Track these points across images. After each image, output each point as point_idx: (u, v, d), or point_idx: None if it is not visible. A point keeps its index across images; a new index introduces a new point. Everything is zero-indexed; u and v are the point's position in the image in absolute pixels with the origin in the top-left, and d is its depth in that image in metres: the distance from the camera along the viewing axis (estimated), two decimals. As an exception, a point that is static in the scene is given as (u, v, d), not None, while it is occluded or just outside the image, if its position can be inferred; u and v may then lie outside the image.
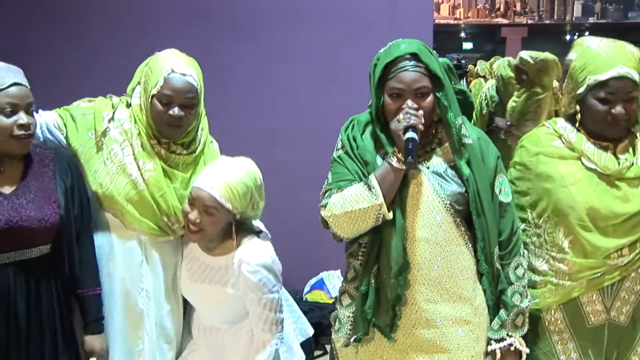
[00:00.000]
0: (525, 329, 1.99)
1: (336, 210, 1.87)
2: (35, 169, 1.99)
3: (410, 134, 1.79)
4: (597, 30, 15.43)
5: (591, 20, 15.63)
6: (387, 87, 1.87)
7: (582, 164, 2.00)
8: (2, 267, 1.90)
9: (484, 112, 2.51)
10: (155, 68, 2.11)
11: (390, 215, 1.84)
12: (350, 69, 2.69)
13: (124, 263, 2.17)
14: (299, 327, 2.48)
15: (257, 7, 4.15)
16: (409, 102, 1.85)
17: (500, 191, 1.96)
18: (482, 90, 2.90)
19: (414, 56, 1.86)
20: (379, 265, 1.91)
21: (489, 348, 1.96)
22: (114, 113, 2.17)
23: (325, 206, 1.90)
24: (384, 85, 1.89)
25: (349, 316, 1.97)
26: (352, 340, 1.95)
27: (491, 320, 1.97)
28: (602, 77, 1.92)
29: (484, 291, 1.96)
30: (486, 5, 15.81)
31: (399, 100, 1.86)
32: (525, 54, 3.32)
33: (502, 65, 2.48)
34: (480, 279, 1.95)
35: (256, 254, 2.08)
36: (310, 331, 2.51)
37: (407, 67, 1.85)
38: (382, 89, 1.89)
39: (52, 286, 2.00)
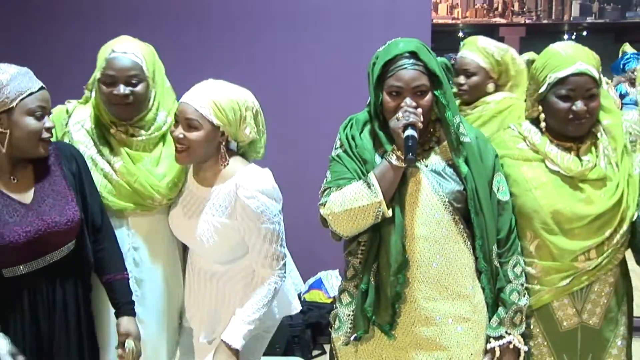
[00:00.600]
0: (524, 327, 1.99)
1: (335, 209, 1.87)
2: (43, 169, 1.99)
3: (409, 132, 1.79)
4: (595, 30, 15.44)
5: (589, 20, 15.62)
6: (386, 85, 1.88)
7: (546, 166, 2.01)
8: (35, 273, 1.92)
9: None
10: (100, 54, 2.15)
11: (389, 213, 1.84)
12: (348, 68, 2.70)
13: None
14: (292, 281, 2.39)
15: (254, 7, 4.14)
16: (408, 100, 1.85)
17: (498, 189, 1.97)
18: None
19: (413, 54, 1.87)
20: (378, 263, 1.91)
21: (488, 346, 1.96)
22: (69, 117, 2.20)
23: (325, 204, 1.90)
24: (382, 84, 1.89)
25: (349, 314, 1.97)
26: (352, 338, 1.96)
27: (490, 318, 1.97)
28: (562, 73, 1.94)
29: (483, 289, 1.96)
30: (484, 4, 15.79)
31: (398, 99, 1.87)
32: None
33: None
34: (479, 276, 1.96)
35: (255, 179, 2.04)
36: (301, 286, 2.44)
37: (406, 66, 1.86)
38: (381, 87, 1.90)
39: (77, 285, 2.02)
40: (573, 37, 16.35)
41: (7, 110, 1.85)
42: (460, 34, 17.15)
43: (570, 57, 1.96)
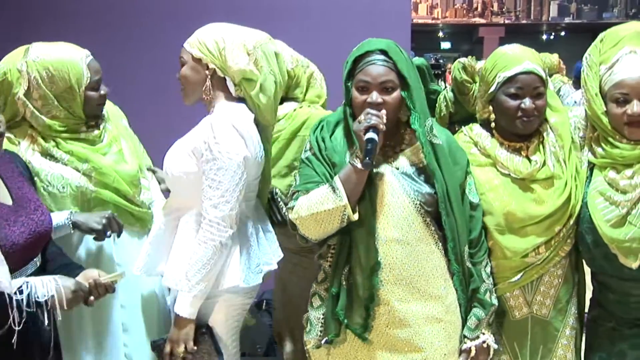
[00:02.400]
0: (494, 325, 2.04)
1: (302, 212, 1.87)
2: (5, 175, 1.91)
3: (370, 135, 1.79)
4: (573, 30, 15.62)
5: (567, 20, 15.82)
6: (355, 80, 1.90)
7: (497, 169, 2.07)
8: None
9: (443, 114, 2.50)
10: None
11: (355, 217, 1.85)
12: (327, 68, 2.68)
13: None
14: (262, 256, 2.11)
15: (230, 7, 4.11)
16: (374, 95, 1.87)
17: (470, 191, 2.00)
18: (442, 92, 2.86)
19: (384, 52, 1.89)
20: (350, 266, 1.91)
21: (464, 346, 1.98)
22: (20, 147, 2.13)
23: (292, 208, 1.91)
24: (353, 79, 1.91)
25: (320, 318, 1.97)
26: (323, 342, 1.96)
27: (463, 319, 1.99)
28: (511, 72, 2.00)
29: (456, 290, 1.98)
30: (464, 5, 15.91)
31: (366, 93, 1.88)
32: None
33: (455, 67, 2.48)
34: (451, 277, 1.97)
35: (226, 110, 1.99)
36: (274, 266, 2.13)
37: (375, 61, 1.88)
38: (352, 83, 1.92)
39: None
40: (552, 37, 16.53)
41: None
42: (440, 34, 17.26)
43: (517, 57, 2.02)
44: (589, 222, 2.00)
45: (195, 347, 1.96)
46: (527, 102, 1.99)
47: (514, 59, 2.02)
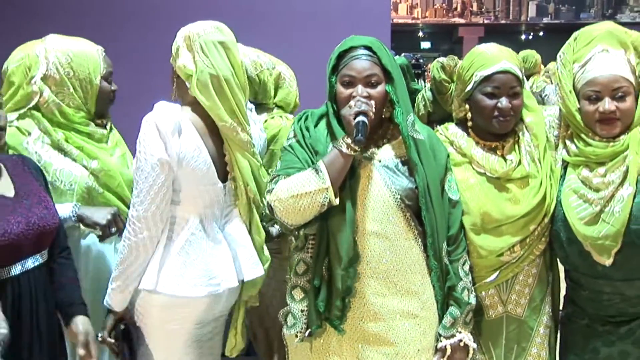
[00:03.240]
0: (472, 324, 2.03)
1: (282, 194, 1.86)
2: (13, 172, 1.90)
3: (360, 118, 1.81)
4: (551, 30, 15.75)
5: (545, 20, 15.95)
6: (340, 75, 1.92)
7: (473, 169, 2.09)
8: (19, 277, 1.82)
9: (422, 113, 2.51)
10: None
11: (336, 201, 1.84)
12: (308, 68, 2.67)
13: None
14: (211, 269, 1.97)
15: (213, 8, 4.08)
16: (360, 89, 1.88)
17: (449, 188, 2.01)
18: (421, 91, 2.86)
19: (367, 48, 1.91)
20: (329, 258, 1.91)
21: (439, 344, 1.98)
22: (29, 137, 2.11)
23: (271, 191, 1.90)
24: (337, 75, 1.92)
25: (303, 310, 1.96)
26: (306, 334, 1.95)
27: (440, 316, 1.99)
28: (487, 71, 2.02)
29: (433, 286, 1.98)
30: (443, 5, 15.97)
31: (351, 88, 1.90)
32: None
33: (434, 66, 2.47)
34: (429, 273, 1.98)
35: (156, 110, 1.92)
36: (219, 287, 1.99)
37: (360, 56, 1.90)
38: (336, 78, 1.93)
39: (50, 292, 1.93)
40: (530, 37, 16.65)
41: None
42: (420, 34, 17.31)
43: (494, 57, 2.04)
44: (563, 220, 2.02)
45: (103, 337, 1.95)
46: (503, 102, 2.00)
47: (491, 58, 2.03)
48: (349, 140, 1.83)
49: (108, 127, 2.25)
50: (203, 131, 1.96)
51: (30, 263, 1.85)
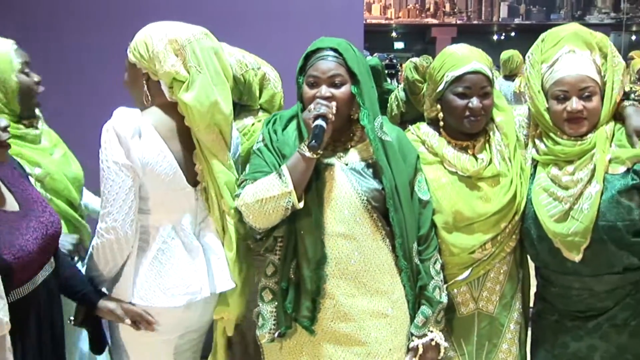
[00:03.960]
0: (443, 322, 2.05)
1: (248, 199, 1.87)
2: (9, 181, 1.81)
3: (319, 122, 1.81)
4: (522, 31, 15.94)
5: (517, 21, 16.14)
6: (306, 76, 1.93)
7: (445, 168, 2.11)
8: (37, 290, 1.75)
9: (394, 113, 2.50)
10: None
11: (300, 205, 1.85)
12: (280, 69, 2.66)
13: None
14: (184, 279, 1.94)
15: (186, 8, 4.05)
16: (323, 89, 1.89)
17: (419, 189, 2.02)
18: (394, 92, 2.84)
19: (335, 49, 1.91)
20: (297, 259, 1.92)
21: (411, 344, 1.99)
22: None
23: (239, 196, 1.91)
24: (304, 75, 1.94)
25: (272, 311, 1.97)
26: (276, 335, 1.95)
27: (411, 315, 2.00)
28: (459, 72, 2.04)
29: (403, 286, 1.99)
30: (416, 5, 16.07)
31: (315, 88, 1.90)
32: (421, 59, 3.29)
33: (407, 67, 2.47)
34: (399, 273, 1.98)
35: (115, 115, 1.87)
36: (194, 296, 1.94)
37: (325, 57, 1.91)
38: (303, 78, 1.94)
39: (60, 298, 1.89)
40: (502, 37, 16.83)
41: None
42: (394, 34, 17.39)
43: (465, 57, 2.06)
44: (534, 218, 2.04)
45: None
46: (474, 102, 2.03)
47: (462, 58, 2.06)
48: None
49: (40, 126, 2.15)
50: (168, 135, 1.91)
51: (45, 272, 1.78)
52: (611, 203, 1.92)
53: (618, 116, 2.03)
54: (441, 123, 2.13)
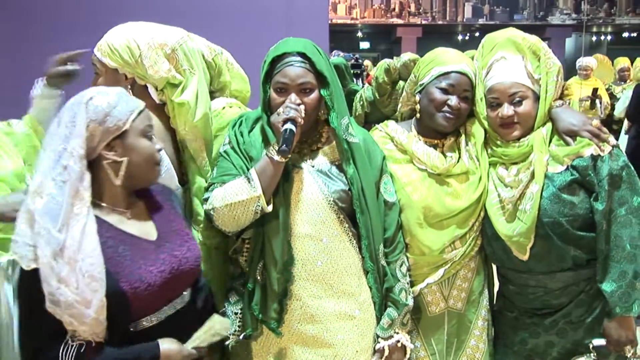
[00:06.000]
0: (410, 324, 2.06)
1: (217, 203, 1.86)
2: (153, 203, 1.76)
3: (288, 126, 1.80)
4: (486, 31, 16.10)
5: (481, 21, 16.31)
6: (273, 81, 1.90)
7: (414, 164, 2.13)
8: (163, 324, 1.66)
9: (358, 113, 2.50)
10: None
11: (269, 208, 1.85)
12: (245, 68, 2.63)
13: None
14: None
15: (147, 6, 3.99)
16: (292, 97, 1.87)
17: (385, 190, 2.03)
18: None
19: (301, 54, 1.89)
20: (264, 261, 1.91)
21: (377, 346, 1.99)
22: None
23: (207, 200, 1.89)
24: (270, 81, 1.90)
25: (237, 313, 1.96)
26: (241, 337, 1.94)
27: (378, 317, 2.01)
28: (447, 68, 2.09)
29: (370, 288, 1.99)
30: (382, 5, 16.13)
31: (284, 95, 1.88)
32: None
33: (380, 67, 2.47)
34: (366, 275, 1.99)
35: None
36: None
37: (293, 63, 1.88)
38: (269, 83, 1.91)
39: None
40: (467, 37, 17.00)
41: (120, 134, 1.60)
42: (359, 34, 17.44)
43: (457, 58, 2.12)
44: (487, 217, 2.10)
45: None
46: (453, 100, 2.07)
47: (453, 58, 2.11)
48: (277, 147, 1.82)
49: None
50: (161, 136, 1.94)
51: (172, 309, 1.69)
52: (552, 200, 1.98)
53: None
54: (417, 115, 2.15)
